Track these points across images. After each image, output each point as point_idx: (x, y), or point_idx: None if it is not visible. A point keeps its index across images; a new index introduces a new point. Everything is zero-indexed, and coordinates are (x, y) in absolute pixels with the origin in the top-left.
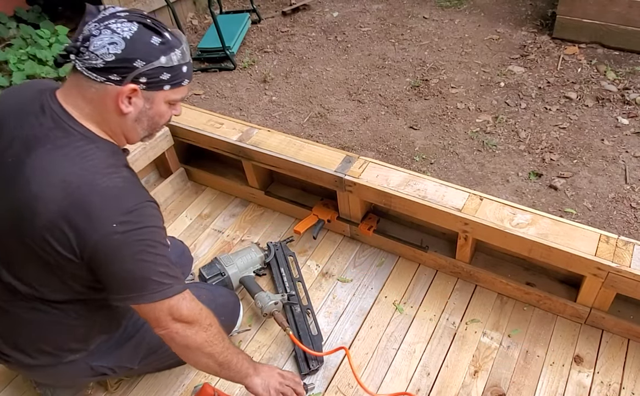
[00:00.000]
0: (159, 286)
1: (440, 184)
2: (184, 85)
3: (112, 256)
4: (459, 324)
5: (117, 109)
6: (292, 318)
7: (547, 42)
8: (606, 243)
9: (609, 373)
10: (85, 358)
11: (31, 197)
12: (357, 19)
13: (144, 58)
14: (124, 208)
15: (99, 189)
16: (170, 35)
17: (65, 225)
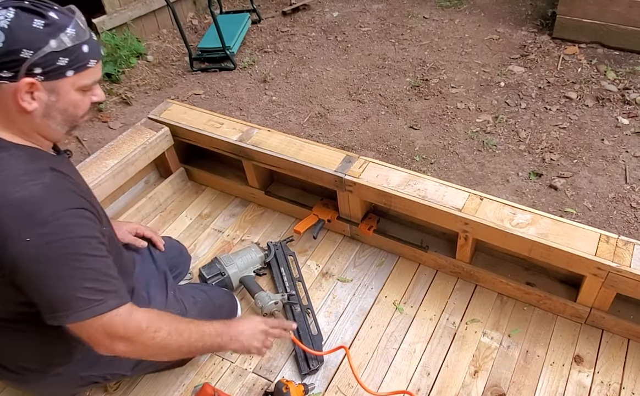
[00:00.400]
0: (86, 303)
1: (441, 184)
2: (90, 66)
3: (33, 273)
4: (459, 324)
5: (20, 108)
6: (292, 318)
7: (547, 42)
8: (606, 243)
9: (609, 373)
10: (73, 370)
11: None
12: (357, 19)
13: (29, 46)
14: (39, 219)
15: (8, 201)
16: (57, 14)
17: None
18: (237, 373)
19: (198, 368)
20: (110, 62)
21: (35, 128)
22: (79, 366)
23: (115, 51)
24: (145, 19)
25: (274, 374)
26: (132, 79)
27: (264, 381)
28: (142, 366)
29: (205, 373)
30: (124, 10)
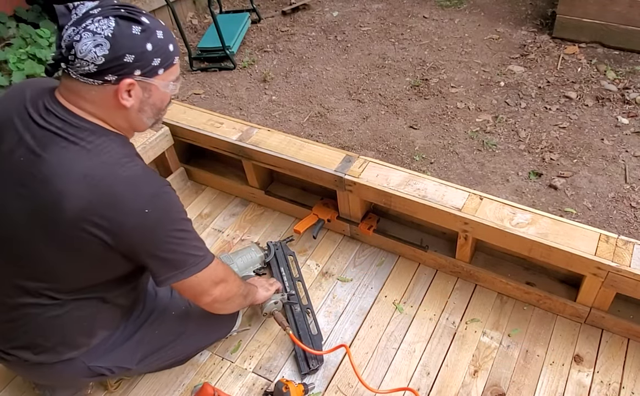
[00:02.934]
0: (197, 259)
1: (440, 183)
2: (175, 63)
3: (150, 240)
4: (459, 323)
5: (119, 105)
6: (292, 318)
7: (547, 42)
8: (606, 243)
9: (608, 373)
10: (83, 358)
11: (55, 195)
12: (357, 19)
13: (132, 51)
14: (150, 192)
15: (121, 179)
16: (148, 18)
17: (96, 218)
18: (237, 373)
19: (198, 368)
20: None
21: (129, 121)
22: (90, 356)
23: None
24: None
25: (274, 374)
26: None
27: (264, 381)
28: (147, 362)
29: (205, 373)
30: None
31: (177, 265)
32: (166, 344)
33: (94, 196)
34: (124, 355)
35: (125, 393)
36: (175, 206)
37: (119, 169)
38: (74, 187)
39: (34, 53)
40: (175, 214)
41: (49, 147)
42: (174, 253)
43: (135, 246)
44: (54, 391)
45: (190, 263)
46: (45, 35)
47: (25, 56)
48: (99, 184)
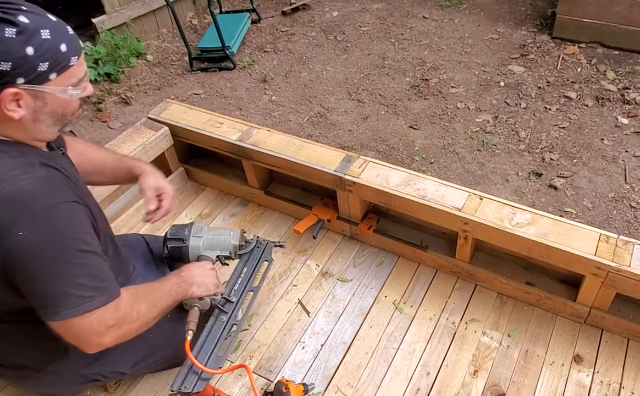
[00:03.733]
0: (78, 299)
1: (440, 183)
2: (72, 65)
3: (26, 267)
4: (459, 323)
5: (7, 118)
6: (210, 324)
7: (547, 42)
8: (606, 243)
9: (608, 373)
10: (71, 367)
11: None
12: (357, 19)
13: (5, 58)
14: (32, 212)
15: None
16: (28, 16)
17: None
18: (237, 373)
19: None
20: (109, 62)
21: (27, 133)
22: (77, 364)
23: (114, 51)
24: (144, 18)
25: (274, 374)
26: (131, 78)
27: (264, 381)
28: (142, 365)
29: None
30: (123, 9)
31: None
32: (160, 347)
33: None
34: (117, 359)
35: (125, 393)
36: (65, 232)
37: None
38: None
39: None
40: (63, 241)
41: None
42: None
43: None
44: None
45: (69, 303)
46: None
47: None
48: None
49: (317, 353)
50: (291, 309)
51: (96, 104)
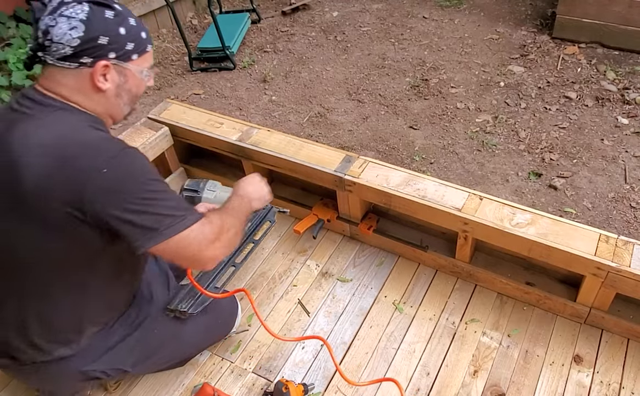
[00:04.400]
0: (174, 219)
1: (440, 183)
2: (148, 51)
3: (114, 202)
4: (459, 324)
5: (96, 88)
6: None
7: (547, 42)
8: (606, 243)
9: (608, 373)
10: (75, 361)
11: (13, 169)
12: (357, 19)
13: (105, 33)
14: (108, 155)
15: (77, 142)
16: (120, 6)
17: (56, 185)
18: (236, 373)
19: (198, 368)
20: None
21: (107, 107)
22: (82, 358)
23: None
24: (144, 18)
25: (274, 374)
26: None
27: (264, 381)
28: (144, 364)
29: (205, 373)
30: None
31: (150, 228)
32: (163, 346)
33: (49, 161)
34: (118, 357)
35: (125, 393)
36: (140, 167)
37: (75, 134)
38: (30, 159)
39: None
40: (139, 174)
41: (14, 126)
42: (144, 214)
43: (100, 211)
44: (54, 393)
45: (166, 224)
46: None
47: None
48: (55, 149)
49: (317, 353)
50: (291, 310)
51: None
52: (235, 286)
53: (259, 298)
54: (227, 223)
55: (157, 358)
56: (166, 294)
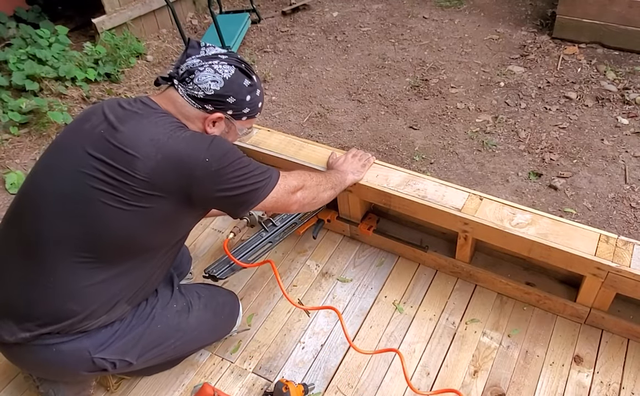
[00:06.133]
0: (264, 182)
1: (440, 184)
2: (255, 117)
3: (219, 183)
4: (459, 324)
5: (203, 129)
6: (251, 237)
7: (547, 42)
8: (606, 243)
9: (608, 373)
10: (90, 342)
11: (128, 158)
12: (357, 19)
13: (235, 96)
14: (204, 146)
15: (181, 139)
16: (256, 78)
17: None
18: (236, 373)
19: (198, 368)
20: (109, 62)
21: None
22: (95, 345)
23: (114, 51)
24: (144, 18)
25: (274, 374)
26: (131, 79)
27: (264, 381)
28: (148, 356)
29: (205, 373)
30: (123, 10)
31: (249, 196)
32: (167, 339)
33: (160, 155)
34: (126, 347)
35: (125, 393)
36: (230, 149)
37: (178, 132)
38: (144, 151)
39: (34, 53)
40: (231, 155)
41: (126, 122)
42: (243, 187)
43: (207, 194)
44: (57, 391)
45: (260, 188)
46: (45, 35)
47: (25, 56)
48: (164, 146)
49: (317, 353)
50: (291, 310)
51: None
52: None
53: (259, 298)
54: (311, 177)
55: (160, 351)
56: (169, 290)
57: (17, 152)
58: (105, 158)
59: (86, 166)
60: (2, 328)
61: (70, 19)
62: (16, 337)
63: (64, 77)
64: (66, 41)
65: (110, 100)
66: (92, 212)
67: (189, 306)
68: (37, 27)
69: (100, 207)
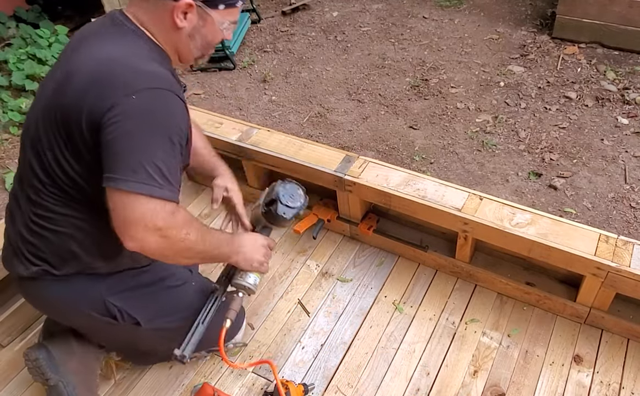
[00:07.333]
0: (148, 178)
1: (440, 183)
2: (237, 6)
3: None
4: (459, 324)
5: (172, 23)
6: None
7: (546, 42)
8: (606, 243)
9: (608, 373)
10: (104, 285)
11: (70, 72)
12: (356, 19)
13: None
14: (149, 84)
15: (132, 65)
16: None
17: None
18: (236, 373)
19: (198, 368)
20: None
21: (177, 45)
22: (109, 288)
23: None
24: None
25: None
26: None
27: (264, 381)
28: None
29: (205, 373)
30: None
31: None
32: (178, 311)
33: (97, 71)
34: (137, 302)
35: (125, 393)
36: (169, 115)
37: (136, 59)
38: (86, 66)
39: (34, 53)
40: (164, 122)
41: (87, 39)
42: (130, 153)
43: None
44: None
45: (138, 177)
46: (45, 35)
47: (25, 56)
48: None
49: (317, 353)
50: (291, 310)
51: None
52: None
53: (259, 298)
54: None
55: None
56: (187, 271)
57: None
58: (56, 82)
59: (45, 98)
60: (17, 264)
61: (70, 18)
62: (30, 271)
63: None
64: (66, 41)
65: (81, 31)
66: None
67: (206, 290)
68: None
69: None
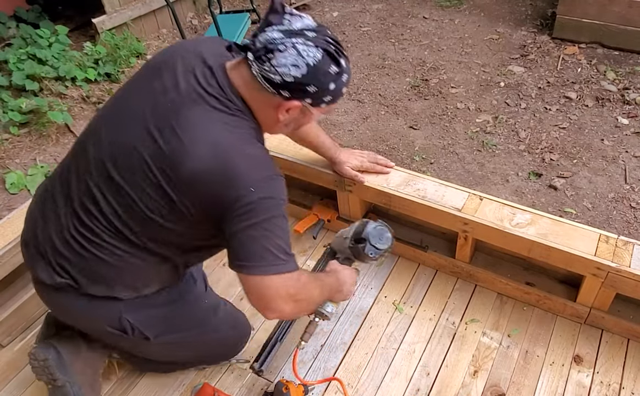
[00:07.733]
0: (275, 259)
1: (440, 184)
2: (337, 102)
3: (242, 216)
4: (459, 324)
5: (274, 115)
6: None
7: (547, 42)
8: (606, 243)
9: (608, 373)
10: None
11: (182, 149)
12: (357, 19)
13: (318, 85)
14: (263, 174)
15: (244, 154)
16: (345, 62)
17: (207, 182)
18: (236, 373)
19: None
20: (109, 62)
21: (272, 127)
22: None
23: (115, 51)
24: (145, 18)
25: (274, 374)
26: None
27: (264, 381)
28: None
29: (205, 373)
30: (123, 10)
31: (251, 255)
32: (188, 329)
33: (213, 162)
34: (150, 321)
35: (126, 391)
36: (281, 200)
37: (246, 145)
38: (200, 150)
39: (34, 53)
40: (277, 206)
41: (196, 105)
42: (256, 242)
43: (226, 218)
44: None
45: (266, 261)
46: (45, 35)
47: (25, 56)
48: (222, 154)
49: (317, 353)
50: None
51: (96, 105)
52: None
53: None
54: (313, 291)
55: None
56: (204, 286)
57: (17, 152)
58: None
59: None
60: (41, 269)
61: (70, 18)
62: (54, 281)
63: (64, 77)
64: (66, 41)
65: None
66: (132, 185)
67: (217, 308)
68: (37, 27)
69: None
